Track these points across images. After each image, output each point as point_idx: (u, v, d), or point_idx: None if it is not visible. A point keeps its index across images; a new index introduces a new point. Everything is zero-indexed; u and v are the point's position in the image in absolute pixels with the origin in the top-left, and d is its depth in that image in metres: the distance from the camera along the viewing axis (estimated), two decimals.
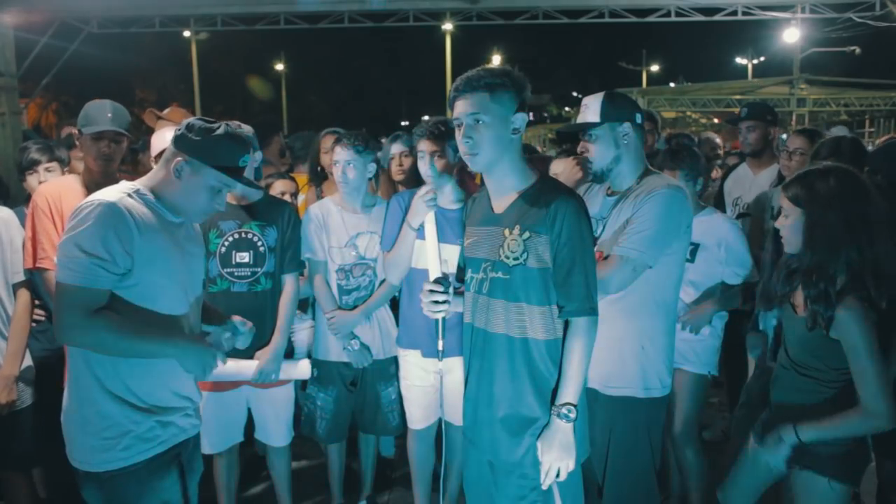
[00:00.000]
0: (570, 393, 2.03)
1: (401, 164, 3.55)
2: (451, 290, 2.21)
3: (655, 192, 2.36)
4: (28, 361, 2.91)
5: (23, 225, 2.99)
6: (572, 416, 2.02)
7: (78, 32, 11.44)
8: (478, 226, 2.21)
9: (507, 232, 2.07)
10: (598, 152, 2.48)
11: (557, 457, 2.03)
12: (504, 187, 2.12)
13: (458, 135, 2.07)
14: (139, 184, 2.07)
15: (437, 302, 2.19)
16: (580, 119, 2.53)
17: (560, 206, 2.01)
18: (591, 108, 2.48)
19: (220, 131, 2.02)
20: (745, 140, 4.10)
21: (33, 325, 3.15)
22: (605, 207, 2.53)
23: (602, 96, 2.48)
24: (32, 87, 14.73)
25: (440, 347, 2.31)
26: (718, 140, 5.35)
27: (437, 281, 2.23)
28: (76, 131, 2.94)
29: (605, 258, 2.39)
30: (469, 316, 2.21)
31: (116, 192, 1.99)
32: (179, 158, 2.01)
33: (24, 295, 2.90)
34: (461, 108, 2.04)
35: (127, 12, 11.54)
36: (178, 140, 2.03)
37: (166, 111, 3.68)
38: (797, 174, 2.27)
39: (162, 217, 2.04)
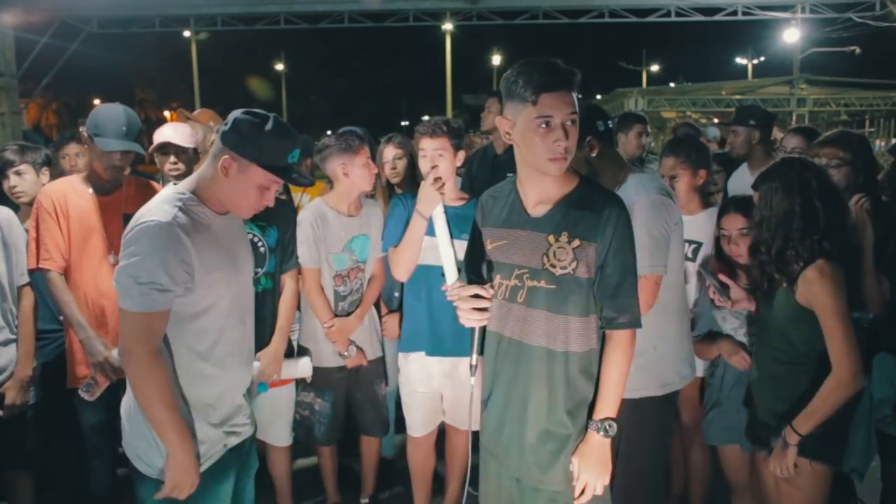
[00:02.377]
0: (610, 407, 1.95)
1: (394, 167, 3.51)
2: (492, 293, 2.02)
3: (634, 207, 2.27)
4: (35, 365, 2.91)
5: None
6: (612, 431, 1.94)
7: (78, 32, 11.46)
8: (507, 228, 2.03)
9: (552, 239, 1.93)
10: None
11: (596, 473, 1.95)
12: (549, 190, 1.97)
13: (548, 135, 1.85)
14: (185, 187, 2.01)
15: (478, 309, 1.99)
16: None
17: (612, 213, 1.91)
18: None
19: (268, 128, 1.93)
20: (731, 143, 4.17)
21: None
22: None
23: None
24: (32, 87, 14.76)
25: (473, 362, 2.07)
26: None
27: (475, 284, 2.06)
28: (85, 133, 2.90)
29: None
30: (497, 324, 2.04)
31: (169, 208, 1.90)
32: (227, 156, 1.93)
33: (28, 296, 2.90)
34: (558, 106, 1.84)
35: (127, 12, 11.57)
36: (225, 137, 1.96)
37: (196, 112, 3.66)
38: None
39: (211, 222, 1.99)
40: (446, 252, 2.45)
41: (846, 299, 2.21)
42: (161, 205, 1.92)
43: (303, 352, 3.20)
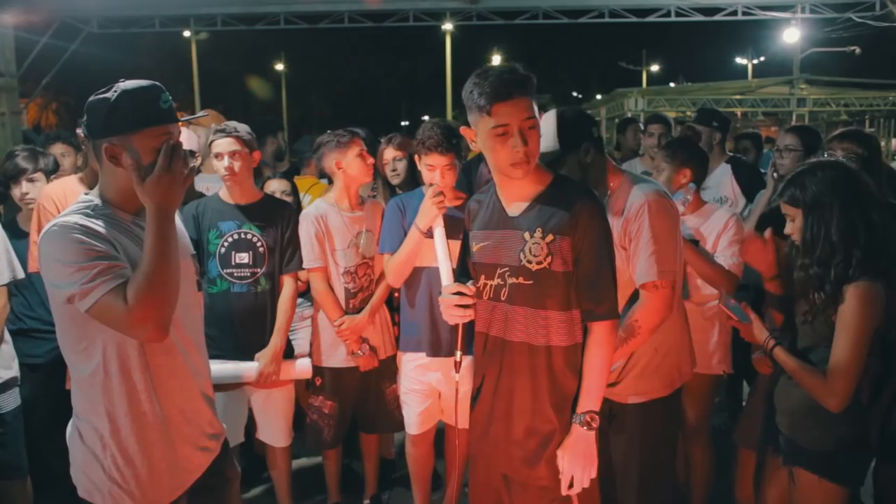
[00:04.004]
0: (593, 400, 1.98)
1: (395, 169, 3.52)
2: (474, 290, 2.09)
3: (639, 212, 2.30)
4: (14, 370, 2.88)
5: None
6: (595, 424, 1.97)
7: (78, 32, 11.47)
8: (489, 230, 2.10)
9: (527, 235, 1.99)
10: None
11: (581, 466, 1.97)
12: (523, 190, 2.03)
13: (507, 142, 1.90)
14: (93, 195, 1.80)
15: (460, 306, 2.06)
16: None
17: (583, 207, 1.95)
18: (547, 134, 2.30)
19: (118, 91, 1.69)
20: None
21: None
22: None
23: (553, 121, 2.35)
24: (32, 87, 14.77)
25: (458, 359, 2.15)
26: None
27: (460, 283, 2.12)
28: (81, 134, 2.89)
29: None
30: (482, 325, 2.10)
31: (74, 213, 1.72)
32: (105, 145, 1.71)
33: (2, 297, 2.80)
34: (513, 113, 1.88)
35: (127, 12, 11.58)
36: (89, 129, 1.75)
37: (199, 115, 3.65)
38: (789, 177, 2.24)
39: (125, 225, 1.77)
40: (444, 267, 2.46)
41: (874, 328, 2.03)
42: (64, 216, 1.72)
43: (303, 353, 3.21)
